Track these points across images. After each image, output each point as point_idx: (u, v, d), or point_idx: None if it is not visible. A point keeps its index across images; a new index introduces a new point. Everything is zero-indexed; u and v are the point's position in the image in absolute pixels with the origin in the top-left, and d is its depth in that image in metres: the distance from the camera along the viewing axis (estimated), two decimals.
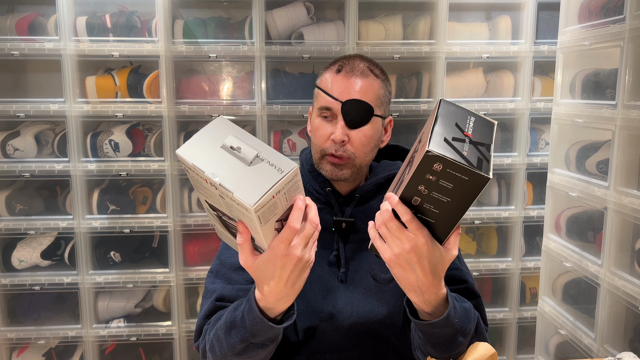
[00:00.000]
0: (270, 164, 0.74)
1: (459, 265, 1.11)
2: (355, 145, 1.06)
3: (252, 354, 0.92)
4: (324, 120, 1.08)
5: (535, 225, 2.12)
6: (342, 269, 1.09)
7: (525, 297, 2.19)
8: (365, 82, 1.06)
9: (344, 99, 1.04)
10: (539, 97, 2.08)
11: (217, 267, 1.09)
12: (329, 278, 1.10)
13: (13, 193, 2.00)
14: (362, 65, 1.08)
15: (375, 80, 1.08)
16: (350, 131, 1.05)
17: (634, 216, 1.44)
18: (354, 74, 1.06)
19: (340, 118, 1.05)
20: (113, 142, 1.96)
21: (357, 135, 1.06)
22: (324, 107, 1.06)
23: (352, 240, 1.11)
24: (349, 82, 1.05)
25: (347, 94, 1.05)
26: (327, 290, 1.09)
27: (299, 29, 2.00)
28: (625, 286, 1.46)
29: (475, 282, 1.11)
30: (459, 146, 0.75)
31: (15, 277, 1.97)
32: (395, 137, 2.12)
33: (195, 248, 2.08)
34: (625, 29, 1.45)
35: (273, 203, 0.74)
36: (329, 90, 1.06)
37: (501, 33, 2.05)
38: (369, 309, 1.08)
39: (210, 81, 2.09)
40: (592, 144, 1.72)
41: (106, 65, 2.03)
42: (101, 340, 2.04)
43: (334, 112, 1.06)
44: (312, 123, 1.11)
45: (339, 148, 1.06)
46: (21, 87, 2.13)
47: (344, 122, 1.05)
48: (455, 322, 0.88)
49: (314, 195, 1.13)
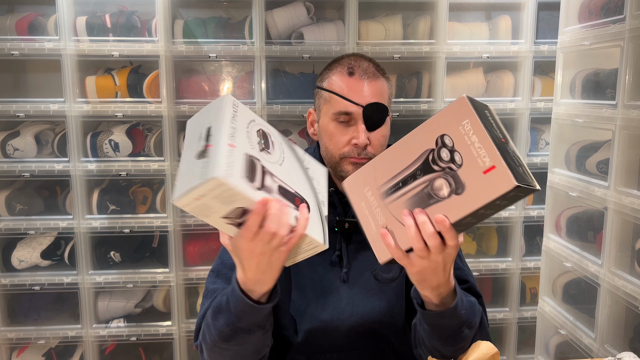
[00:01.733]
0: (209, 164, 0.71)
1: (461, 265, 1.12)
2: (375, 146, 1.06)
3: (240, 341, 0.91)
4: (341, 125, 1.06)
5: (535, 225, 2.12)
6: (345, 269, 1.09)
7: (525, 297, 2.19)
8: (378, 84, 1.07)
9: (364, 103, 1.04)
10: (539, 97, 2.08)
11: (219, 267, 1.09)
12: (331, 278, 1.10)
13: (13, 193, 1.99)
14: (370, 66, 1.08)
15: (384, 80, 1.09)
16: (370, 134, 1.05)
17: (634, 216, 1.44)
18: (367, 77, 1.06)
19: (360, 122, 1.04)
20: (113, 142, 1.96)
21: (376, 136, 1.06)
22: (343, 112, 1.05)
23: (354, 241, 1.11)
24: (366, 85, 1.05)
25: (367, 97, 1.04)
26: (328, 291, 1.09)
27: (299, 28, 1.99)
28: (625, 286, 1.46)
29: (476, 283, 1.11)
30: (512, 161, 0.70)
31: (15, 277, 1.97)
32: (396, 137, 2.11)
33: (195, 248, 2.08)
34: (625, 28, 1.45)
35: (201, 204, 0.72)
36: (346, 94, 1.05)
37: (501, 33, 2.05)
38: (369, 309, 1.09)
39: (210, 81, 2.08)
40: (592, 144, 1.72)
41: (106, 65, 2.03)
42: (101, 340, 2.04)
43: (354, 116, 1.05)
44: (325, 128, 1.09)
45: (362, 152, 1.05)
46: (21, 87, 2.13)
47: (365, 126, 1.04)
48: (462, 313, 0.89)
49: None
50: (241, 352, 0.93)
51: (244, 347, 0.92)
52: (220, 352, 0.94)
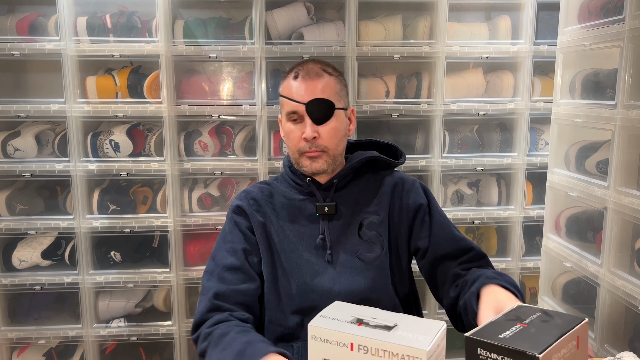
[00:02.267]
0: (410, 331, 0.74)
1: (461, 235, 1.21)
2: (325, 138, 1.16)
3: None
4: (293, 124, 1.18)
5: (535, 225, 2.12)
6: (329, 250, 1.18)
7: (525, 297, 2.19)
8: (322, 82, 1.17)
9: (306, 101, 1.15)
10: (538, 97, 2.08)
11: (212, 267, 1.17)
12: (317, 261, 1.18)
13: (13, 193, 2.00)
14: (315, 67, 1.19)
15: (329, 77, 1.19)
16: (318, 127, 1.16)
17: (633, 216, 1.44)
18: (310, 77, 1.17)
19: (306, 118, 1.16)
20: (113, 142, 1.96)
21: (325, 129, 1.16)
22: (291, 112, 1.17)
23: (335, 225, 1.20)
24: (307, 84, 1.16)
25: (308, 95, 1.15)
26: (315, 272, 1.17)
27: (299, 29, 2.00)
28: (625, 286, 1.46)
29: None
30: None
31: (16, 277, 1.97)
32: (396, 137, 2.12)
33: (196, 248, 2.08)
34: (625, 29, 1.45)
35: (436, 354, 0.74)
36: (291, 96, 1.17)
37: (501, 33, 2.05)
38: (355, 287, 1.17)
39: (210, 81, 2.09)
40: (591, 144, 1.72)
41: (106, 65, 2.03)
42: (101, 340, 2.05)
43: (300, 113, 1.16)
44: (283, 129, 1.23)
45: (312, 145, 1.16)
46: (21, 87, 2.13)
47: (311, 121, 1.15)
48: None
49: (297, 188, 1.24)
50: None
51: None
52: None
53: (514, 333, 0.71)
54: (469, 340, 0.70)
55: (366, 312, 0.79)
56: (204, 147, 2.03)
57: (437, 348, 0.72)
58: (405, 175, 1.29)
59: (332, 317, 0.78)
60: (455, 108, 2.03)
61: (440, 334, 0.73)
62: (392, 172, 1.28)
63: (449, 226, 1.22)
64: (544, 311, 0.78)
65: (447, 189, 2.13)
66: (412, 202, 1.22)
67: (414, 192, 1.24)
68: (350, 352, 0.74)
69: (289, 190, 1.24)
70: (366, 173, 1.26)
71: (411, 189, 1.24)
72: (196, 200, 2.05)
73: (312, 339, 0.77)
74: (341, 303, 0.83)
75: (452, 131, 2.10)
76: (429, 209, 1.22)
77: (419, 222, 1.21)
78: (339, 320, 0.77)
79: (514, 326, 0.73)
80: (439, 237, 1.20)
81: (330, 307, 0.82)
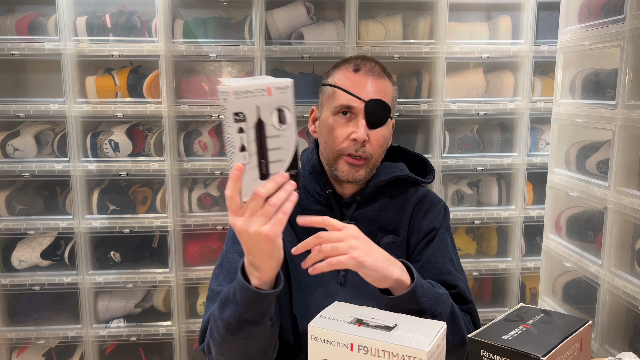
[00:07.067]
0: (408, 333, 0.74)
1: (452, 270, 1.10)
2: (373, 145, 1.05)
3: (247, 334, 0.91)
4: (342, 119, 1.05)
5: (535, 225, 2.12)
6: (342, 272, 1.09)
7: (525, 297, 2.19)
8: (383, 83, 1.07)
9: (367, 98, 1.03)
10: (539, 97, 2.08)
11: (221, 269, 1.08)
12: (329, 281, 1.10)
13: (13, 193, 1.99)
14: (376, 66, 1.08)
15: (389, 82, 1.09)
16: (369, 131, 1.04)
17: (634, 216, 1.44)
18: (373, 75, 1.06)
19: (361, 117, 1.04)
20: (113, 142, 1.96)
21: (376, 135, 1.05)
22: (345, 106, 1.04)
23: None
24: (370, 81, 1.05)
25: (370, 93, 1.04)
26: (327, 293, 1.09)
27: (299, 29, 1.99)
28: (625, 286, 1.46)
29: (469, 289, 1.09)
30: None
31: (15, 277, 1.97)
32: (396, 137, 2.10)
33: (195, 248, 2.08)
34: (625, 29, 1.45)
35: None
36: (349, 89, 1.04)
37: (501, 33, 2.05)
38: None
39: (210, 81, 2.09)
40: (592, 144, 1.72)
41: (106, 65, 2.03)
42: (101, 340, 2.04)
43: (355, 111, 1.04)
44: (324, 122, 1.08)
45: (360, 148, 1.04)
46: (21, 87, 2.13)
47: (365, 122, 1.03)
48: (422, 301, 0.91)
49: (314, 196, 1.12)
50: (249, 348, 0.93)
51: (250, 342, 0.92)
52: (228, 347, 0.94)
53: (517, 334, 0.70)
54: (472, 342, 0.70)
55: (366, 312, 0.79)
56: (203, 147, 2.03)
57: (437, 348, 0.72)
58: (432, 193, 1.18)
59: (332, 317, 0.78)
60: (455, 108, 2.03)
61: (440, 334, 0.73)
62: (418, 188, 1.17)
63: (443, 256, 1.10)
64: (546, 312, 0.78)
65: (447, 189, 2.13)
66: (427, 224, 1.13)
67: (432, 214, 1.14)
68: (350, 353, 0.74)
69: (304, 197, 1.12)
70: (390, 185, 1.15)
71: (430, 209, 1.14)
72: (196, 200, 2.05)
73: (312, 339, 0.76)
74: (341, 303, 0.83)
75: (452, 131, 2.10)
76: (437, 232, 1.13)
77: (423, 244, 1.13)
78: (339, 321, 0.77)
79: (517, 327, 0.72)
80: (427, 262, 1.10)
81: (330, 307, 0.82)
